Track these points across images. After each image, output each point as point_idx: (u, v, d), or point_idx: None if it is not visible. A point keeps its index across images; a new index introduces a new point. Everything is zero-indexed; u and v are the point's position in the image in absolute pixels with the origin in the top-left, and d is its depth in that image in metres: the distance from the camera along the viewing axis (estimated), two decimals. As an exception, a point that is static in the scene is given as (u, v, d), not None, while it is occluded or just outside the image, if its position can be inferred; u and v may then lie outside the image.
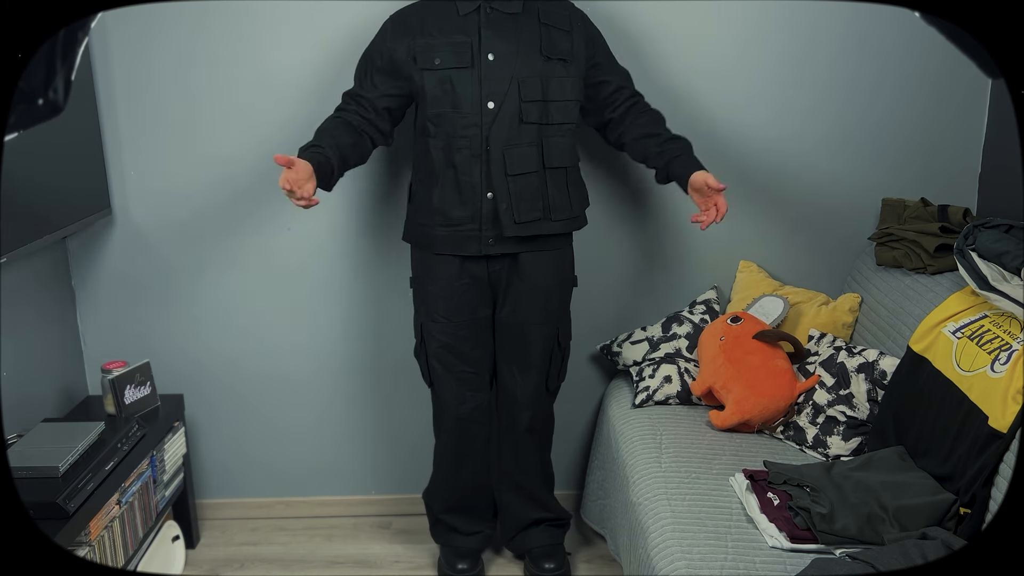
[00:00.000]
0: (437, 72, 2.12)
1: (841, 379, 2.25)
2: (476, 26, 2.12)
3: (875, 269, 2.52)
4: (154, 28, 2.47)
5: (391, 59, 2.16)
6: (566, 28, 2.19)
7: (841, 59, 2.55)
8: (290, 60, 2.49)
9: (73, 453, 2.10)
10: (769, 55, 2.55)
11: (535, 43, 2.14)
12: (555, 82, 2.16)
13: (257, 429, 2.79)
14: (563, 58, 2.17)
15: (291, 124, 2.52)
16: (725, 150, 2.61)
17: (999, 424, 1.75)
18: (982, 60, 0.75)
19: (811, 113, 2.59)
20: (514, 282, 2.24)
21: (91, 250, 2.63)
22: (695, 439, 2.26)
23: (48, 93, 0.72)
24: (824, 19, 2.52)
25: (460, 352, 2.30)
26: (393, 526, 2.81)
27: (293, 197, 1.93)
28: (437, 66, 2.12)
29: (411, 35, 2.15)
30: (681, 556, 1.77)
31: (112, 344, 2.67)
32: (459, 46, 2.11)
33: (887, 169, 2.63)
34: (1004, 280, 1.92)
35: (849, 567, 1.58)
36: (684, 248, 2.69)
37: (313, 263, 2.66)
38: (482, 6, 2.12)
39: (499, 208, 2.14)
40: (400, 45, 2.15)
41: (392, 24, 2.20)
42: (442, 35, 2.13)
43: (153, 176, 2.58)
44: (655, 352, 2.55)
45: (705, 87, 2.56)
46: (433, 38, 2.13)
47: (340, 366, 2.75)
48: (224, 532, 2.80)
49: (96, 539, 2.10)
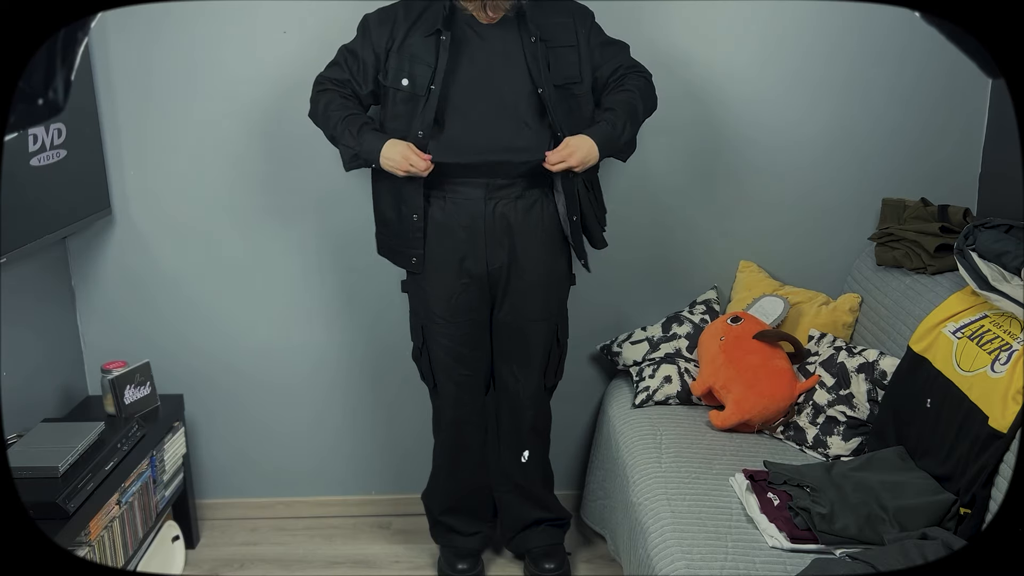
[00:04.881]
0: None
1: (841, 379, 2.25)
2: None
3: (875, 269, 2.52)
4: (154, 28, 2.47)
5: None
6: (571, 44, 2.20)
7: (841, 59, 2.55)
8: (290, 60, 2.49)
9: (73, 453, 2.10)
10: (768, 55, 2.55)
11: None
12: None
13: (257, 429, 2.79)
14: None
15: (291, 124, 2.52)
16: (725, 150, 2.61)
17: (999, 424, 1.75)
18: (982, 60, 0.75)
19: (811, 113, 2.59)
20: (513, 280, 2.24)
21: (91, 250, 2.63)
22: (695, 439, 2.26)
23: (48, 93, 0.72)
24: (824, 19, 2.52)
25: (459, 354, 2.30)
26: (393, 526, 2.81)
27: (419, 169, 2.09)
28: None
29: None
30: (681, 556, 1.77)
31: (112, 344, 2.67)
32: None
33: (887, 169, 2.63)
34: (1004, 280, 1.92)
35: (849, 567, 1.58)
36: (684, 248, 2.69)
37: (313, 263, 2.66)
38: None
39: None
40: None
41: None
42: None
43: (153, 176, 2.58)
44: (655, 352, 2.54)
45: (704, 87, 2.56)
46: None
47: (340, 366, 2.75)
48: (224, 532, 2.80)
49: (96, 539, 2.10)
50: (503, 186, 2.16)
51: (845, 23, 2.52)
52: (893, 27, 2.52)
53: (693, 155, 2.62)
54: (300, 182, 2.59)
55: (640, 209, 2.65)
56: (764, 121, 2.59)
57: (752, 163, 2.62)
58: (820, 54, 2.55)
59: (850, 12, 2.50)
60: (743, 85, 2.57)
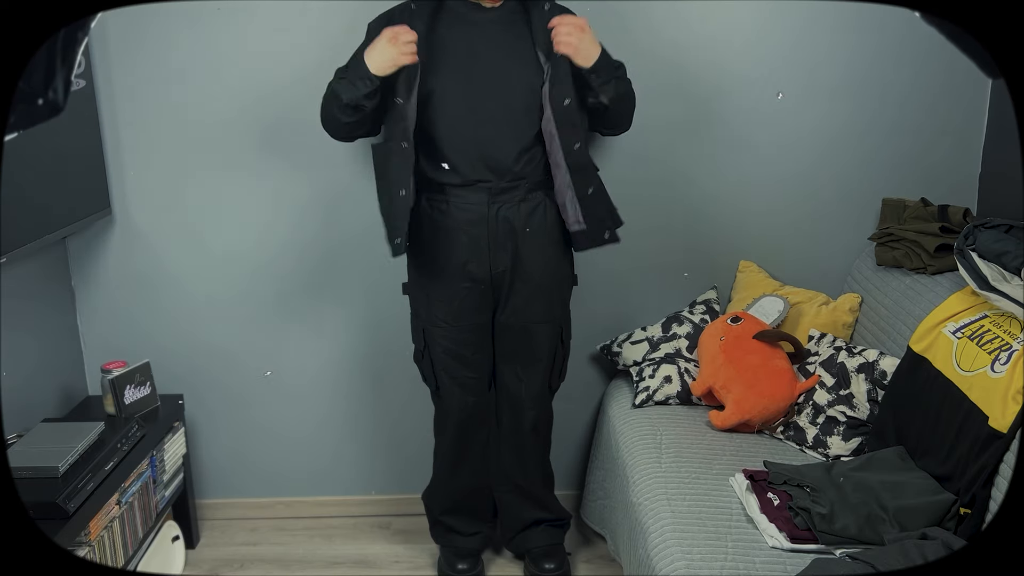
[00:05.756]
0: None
1: (841, 379, 2.25)
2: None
3: (875, 269, 2.52)
4: (154, 28, 2.47)
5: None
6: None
7: (840, 59, 2.55)
8: (290, 60, 2.49)
9: (73, 453, 2.10)
10: (768, 55, 2.55)
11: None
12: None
13: (257, 429, 2.79)
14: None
15: (291, 124, 2.52)
16: (725, 150, 2.61)
17: (999, 424, 1.75)
18: (982, 60, 0.75)
19: (810, 113, 2.59)
20: (516, 283, 2.23)
21: (91, 250, 2.63)
22: (695, 439, 2.26)
23: (48, 93, 0.72)
24: (824, 19, 2.52)
25: (462, 356, 2.29)
26: (393, 526, 2.81)
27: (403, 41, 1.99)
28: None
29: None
30: (681, 556, 1.77)
31: (112, 344, 2.67)
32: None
33: (887, 169, 2.63)
34: (1004, 280, 1.92)
35: (849, 567, 1.58)
36: (684, 248, 2.69)
37: (312, 263, 2.66)
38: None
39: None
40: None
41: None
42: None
43: (153, 176, 2.58)
44: (655, 352, 2.54)
45: (702, 88, 2.56)
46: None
47: (340, 366, 2.75)
48: (224, 532, 2.80)
49: (96, 539, 2.10)
50: (506, 190, 2.16)
51: (844, 23, 2.52)
52: (893, 27, 2.52)
53: (692, 155, 2.61)
54: (300, 184, 2.59)
55: (640, 209, 2.64)
56: (764, 122, 2.59)
57: (751, 163, 2.62)
58: (820, 54, 2.55)
59: (849, 12, 2.50)
60: (743, 86, 2.56)
